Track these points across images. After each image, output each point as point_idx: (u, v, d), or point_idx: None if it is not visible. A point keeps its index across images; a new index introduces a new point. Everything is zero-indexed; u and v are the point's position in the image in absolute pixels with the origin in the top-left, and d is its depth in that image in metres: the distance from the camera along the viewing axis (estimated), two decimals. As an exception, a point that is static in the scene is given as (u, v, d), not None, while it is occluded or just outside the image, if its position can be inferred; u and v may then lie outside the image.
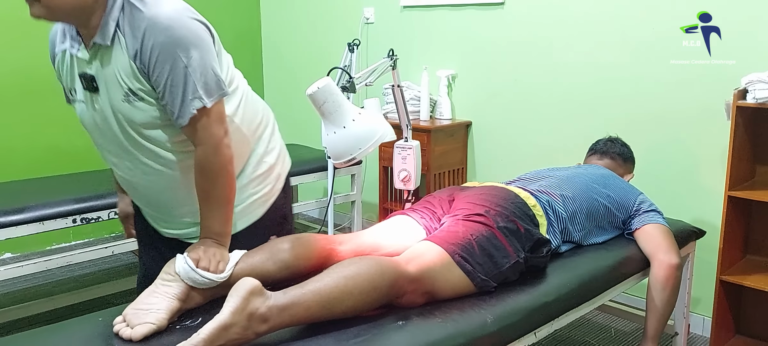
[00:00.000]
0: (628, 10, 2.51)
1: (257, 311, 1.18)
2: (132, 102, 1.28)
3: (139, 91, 1.27)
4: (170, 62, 1.24)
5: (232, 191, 1.36)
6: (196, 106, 1.27)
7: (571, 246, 1.84)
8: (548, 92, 2.79)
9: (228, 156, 1.33)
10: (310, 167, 3.05)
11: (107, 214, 2.41)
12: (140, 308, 1.25)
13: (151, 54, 1.23)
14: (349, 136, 1.51)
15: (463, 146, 3.11)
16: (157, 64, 1.24)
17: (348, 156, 1.53)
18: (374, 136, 1.52)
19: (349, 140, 1.51)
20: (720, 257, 2.12)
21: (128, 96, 1.27)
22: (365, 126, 1.51)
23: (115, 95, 1.28)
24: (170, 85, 1.25)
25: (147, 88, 1.27)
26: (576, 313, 1.67)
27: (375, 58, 3.46)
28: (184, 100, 1.26)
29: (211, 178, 1.32)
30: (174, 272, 1.29)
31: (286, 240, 1.44)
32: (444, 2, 3.10)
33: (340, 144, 1.52)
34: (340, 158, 1.55)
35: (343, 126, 1.51)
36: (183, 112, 1.27)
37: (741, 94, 2.02)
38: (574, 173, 2.00)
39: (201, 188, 1.34)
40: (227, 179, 1.34)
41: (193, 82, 1.26)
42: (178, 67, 1.24)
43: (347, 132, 1.51)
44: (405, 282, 1.36)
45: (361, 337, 1.25)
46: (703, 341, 2.41)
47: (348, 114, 1.51)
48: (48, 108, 3.17)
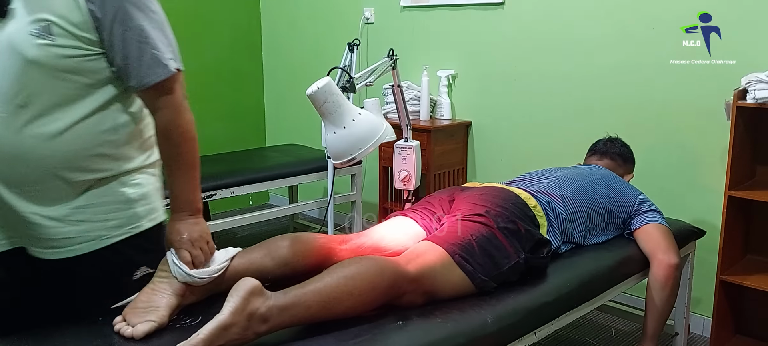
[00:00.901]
0: (629, 10, 2.51)
1: (257, 311, 1.17)
2: (47, 40, 1.10)
3: (69, 28, 1.11)
4: (137, 11, 1.14)
5: (197, 155, 1.28)
6: (172, 67, 1.19)
7: (571, 246, 1.84)
8: (548, 92, 2.79)
9: (191, 118, 1.26)
10: (310, 167, 3.05)
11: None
12: (139, 306, 1.25)
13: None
14: (349, 136, 1.50)
15: (463, 146, 3.11)
16: (117, 11, 1.13)
17: (348, 156, 1.53)
18: (374, 136, 1.51)
19: (350, 140, 1.51)
20: (720, 257, 2.12)
21: (46, 30, 1.10)
22: (365, 126, 1.51)
23: (24, 26, 1.10)
24: (135, 40, 1.15)
25: (85, 29, 1.12)
26: (576, 313, 1.67)
27: (375, 58, 3.46)
28: (155, 59, 1.17)
29: (177, 142, 1.25)
30: (170, 268, 1.29)
31: (286, 238, 1.45)
32: (444, 2, 3.10)
33: (341, 144, 1.52)
34: (340, 158, 1.54)
35: (343, 126, 1.50)
36: (148, 73, 1.17)
37: (741, 94, 2.02)
38: (574, 173, 2.00)
39: (167, 154, 1.26)
40: (193, 142, 1.26)
41: (165, 40, 1.19)
42: (148, 20, 1.16)
43: (347, 132, 1.50)
44: (405, 282, 1.36)
45: (362, 337, 1.25)
46: (703, 341, 2.41)
47: (348, 114, 1.50)
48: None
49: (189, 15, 3.64)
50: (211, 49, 3.80)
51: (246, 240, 3.55)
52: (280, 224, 3.82)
